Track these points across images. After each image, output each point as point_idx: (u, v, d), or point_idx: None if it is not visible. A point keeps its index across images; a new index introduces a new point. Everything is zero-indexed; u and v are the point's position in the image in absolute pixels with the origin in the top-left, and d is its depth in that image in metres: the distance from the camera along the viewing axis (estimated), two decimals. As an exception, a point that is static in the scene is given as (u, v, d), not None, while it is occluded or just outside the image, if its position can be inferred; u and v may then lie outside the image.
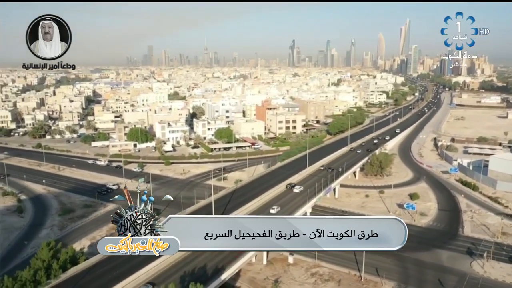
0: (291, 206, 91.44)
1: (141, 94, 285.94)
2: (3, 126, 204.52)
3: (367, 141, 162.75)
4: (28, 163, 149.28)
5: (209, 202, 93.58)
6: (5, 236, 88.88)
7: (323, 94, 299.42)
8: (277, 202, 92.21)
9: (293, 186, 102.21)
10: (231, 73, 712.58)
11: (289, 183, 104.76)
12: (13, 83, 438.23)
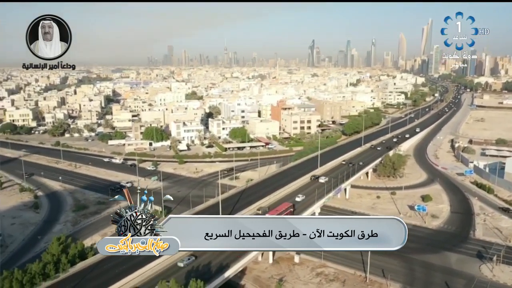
0: (302, 204, 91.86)
1: (159, 93, 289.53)
2: (25, 124, 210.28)
3: (387, 139, 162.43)
4: (47, 160, 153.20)
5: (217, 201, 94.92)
6: (20, 231, 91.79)
7: (340, 95, 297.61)
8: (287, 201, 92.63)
9: (317, 178, 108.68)
10: (250, 73, 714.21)
11: (313, 175, 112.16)
12: (36, 83, 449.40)
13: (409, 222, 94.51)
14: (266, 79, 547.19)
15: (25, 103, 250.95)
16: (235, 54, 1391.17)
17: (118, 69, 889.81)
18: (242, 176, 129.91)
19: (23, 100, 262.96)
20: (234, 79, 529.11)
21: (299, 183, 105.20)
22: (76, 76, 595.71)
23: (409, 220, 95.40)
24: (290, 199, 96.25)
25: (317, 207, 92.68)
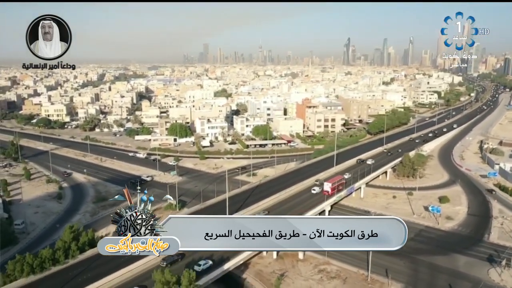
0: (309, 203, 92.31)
1: (189, 90, 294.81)
2: (59, 119, 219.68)
3: (417, 137, 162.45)
4: (75, 153, 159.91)
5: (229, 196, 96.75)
6: (42, 220, 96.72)
7: (370, 93, 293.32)
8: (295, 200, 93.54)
9: (363, 161, 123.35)
10: (283, 71, 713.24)
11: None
12: (74, 79, 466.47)
13: (421, 223, 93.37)
14: (298, 77, 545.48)
15: (60, 99, 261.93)
16: (269, 52, 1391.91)
17: (154, 66, 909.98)
18: (259, 173, 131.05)
19: (59, 96, 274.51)
20: (266, 77, 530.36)
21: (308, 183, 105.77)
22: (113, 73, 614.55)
23: (422, 221, 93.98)
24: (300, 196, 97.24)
25: (327, 205, 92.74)
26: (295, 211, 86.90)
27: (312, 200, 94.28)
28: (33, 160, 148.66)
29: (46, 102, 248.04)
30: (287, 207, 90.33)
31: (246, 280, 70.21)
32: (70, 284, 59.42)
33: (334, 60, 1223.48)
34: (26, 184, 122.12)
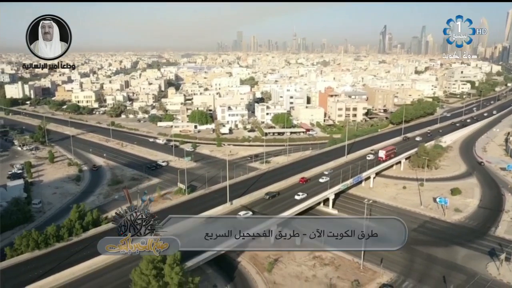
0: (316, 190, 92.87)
1: (215, 78, 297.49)
2: (88, 105, 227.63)
3: (424, 132, 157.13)
4: (99, 138, 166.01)
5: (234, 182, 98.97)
6: (59, 200, 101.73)
7: (399, 83, 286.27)
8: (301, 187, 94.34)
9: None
10: (315, 59, 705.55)
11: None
12: (108, 67, 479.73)
13: (427, 214, 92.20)
14: (329, 66, 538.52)
15: (91, 86, 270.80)
16: (304, 40, 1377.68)
17: (188, 54, 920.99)
18: (273, 161, 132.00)
19: (90, 83, 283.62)
20: (296, 66, 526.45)
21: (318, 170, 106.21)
22: (147, 61, 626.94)
23: (429, 213, 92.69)
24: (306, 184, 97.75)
25: (331, 193, 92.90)
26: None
27: (317, 187, 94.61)
28: (59, 144, 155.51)
29: (77, 88, 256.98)
30: (290, 194, 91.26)
31: (241, 263, 71.97)
32: (71, 259, 62.89)
33: (370, 48, 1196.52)
34: (49, 166, 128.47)
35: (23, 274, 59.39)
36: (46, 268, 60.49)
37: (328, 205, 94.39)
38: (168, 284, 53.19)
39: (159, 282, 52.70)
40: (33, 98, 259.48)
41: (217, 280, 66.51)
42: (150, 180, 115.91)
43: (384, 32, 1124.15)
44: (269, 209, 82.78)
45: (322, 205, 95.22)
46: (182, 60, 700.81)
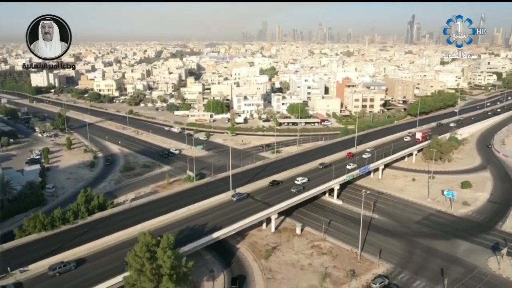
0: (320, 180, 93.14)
1: (235, 68, 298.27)
2: (108, 94, 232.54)
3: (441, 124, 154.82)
4: (116, 126, 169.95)
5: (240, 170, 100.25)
6: (72, 185, 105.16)
7: (421, 73, 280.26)
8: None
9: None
10: (340, 49, 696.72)
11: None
12: (133, 56, 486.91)
13: (433, 207, 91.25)
14: (353, 56, 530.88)
15: (113, 75, 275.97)
16: (329, 30, 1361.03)
17: (212, 44, 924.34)
18: (284, 150, 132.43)
19: (112, 72, 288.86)
20: (319, 56, 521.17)
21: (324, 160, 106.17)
22: (171, 50, 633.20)
23: (435, 205, 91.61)
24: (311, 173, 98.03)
25: (336, 183, 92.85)
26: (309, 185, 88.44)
27: (322, 178, 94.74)
28: (78, 131, 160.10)
29: (99, 77, 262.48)
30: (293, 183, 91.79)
31: (239, 250, 73.23)
32: (74, 241, 65.44)
33: (397, 38, 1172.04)
34: (67, 152, 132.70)
35: (29, 253, 62.13)
36: (50, 248, 63.12)
37: (333, 195, 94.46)
38: (161, 267, 54.78)
39: (152, 265, 54.30)
40: (57, 86, 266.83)
41: (215, 265, 67.93)
42: (161, 168, 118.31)
43: (412, 22, 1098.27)
44: (271, 198, 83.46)
45: (327, 195, 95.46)
46: (206, 49, 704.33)
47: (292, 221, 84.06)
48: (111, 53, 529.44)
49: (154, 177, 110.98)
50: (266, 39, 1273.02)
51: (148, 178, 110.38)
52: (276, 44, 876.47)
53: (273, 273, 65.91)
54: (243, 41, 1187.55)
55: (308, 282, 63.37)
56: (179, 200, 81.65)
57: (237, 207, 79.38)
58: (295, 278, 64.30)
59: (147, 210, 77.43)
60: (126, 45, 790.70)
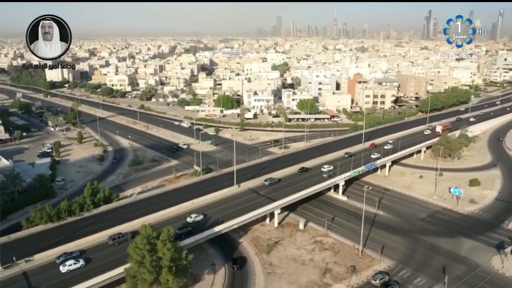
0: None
1: (247, 63, 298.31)
2: (121, 89, 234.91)
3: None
4: (127, 121, 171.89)
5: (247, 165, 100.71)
6: (81, 178, 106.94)
7: (435, 70, 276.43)
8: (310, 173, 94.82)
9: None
10: (354, 45, 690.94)
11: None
12: (147, 51, 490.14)
13: (439, 204, 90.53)
14: (367, 52, 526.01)
15: (126, 70, 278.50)
16: (344, 26, 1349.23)
17: (226, 39, 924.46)
18: (292, 146, 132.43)
19: (125, 67, 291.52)
20: (332, 51, 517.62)
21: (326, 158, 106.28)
22: (185, 46, 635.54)
23: (441, 203, 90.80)
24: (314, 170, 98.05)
25: (341, 179, 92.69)
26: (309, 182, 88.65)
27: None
28: (89, 125, 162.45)
29: (112, 72, 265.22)
30: (298, 178, 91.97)
31: (242, 244, 73.78)
32: (79, 233, 66.78)
33: (413, 34, 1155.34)
34: (77, 146, 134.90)
35: (35, 244, 63.63)
36: (55, 239, 64.62)
37: (338, 191, 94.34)
38: (161, 259, 55.60)
39: (152, 257, 55.20)
40: (71, 81, 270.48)
41: (216, 259, 68.62)
42: (169, 162, 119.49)
43: (428, 17, 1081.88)
44: (276, 193, 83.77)
45: (332, 191, 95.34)
46: (220, 45, 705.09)
47: (296, 216, 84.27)
48: (126, 48, 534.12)
49: (162, 171, 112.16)
50: (281, 34, 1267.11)
51: (156, 172, 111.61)
52: (290, 40, 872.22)
53: (273, 267, 66.31)
54: (257, 36, 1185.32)
55: (308, 277, 63.61)
56: (184, 194, 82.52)
57: (241, 201, 79.90)
58: (295, 273, 64.60)
59: (152, 204, 78.52)
60: (141, 40, 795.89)
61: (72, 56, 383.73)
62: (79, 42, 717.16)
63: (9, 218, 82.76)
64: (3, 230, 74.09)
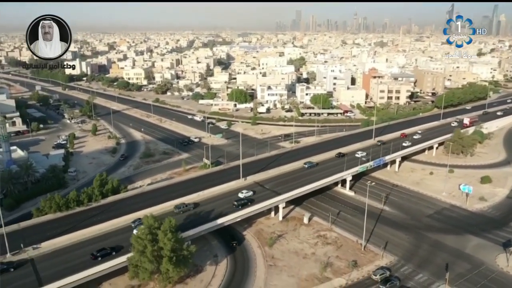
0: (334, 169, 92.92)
1: (262, 58, 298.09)
2: (137, 82, 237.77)
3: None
4: (141, 114, 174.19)
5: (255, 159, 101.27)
6: (93, 169, 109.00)
7: (454, 65, 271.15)
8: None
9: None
10: (374, 40, 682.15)
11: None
12: (165, 45, 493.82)
13: (448, 201, 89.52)
14: (386, 47, 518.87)
15: (143, 64, 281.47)
16: (364, 20, 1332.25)
17: (245, 33, 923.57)
18: (303, 141, 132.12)
19: (142, 61, 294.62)
20: (351, 46, 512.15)
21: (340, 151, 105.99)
22: (203, 40, 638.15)
23: (450, 200, 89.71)
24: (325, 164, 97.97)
25: (348, 174, 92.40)
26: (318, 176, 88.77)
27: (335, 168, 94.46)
28: (105, 118, 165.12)
29: (129, 66, 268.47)
30: (304, 173, 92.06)
31: (245, 236, 74.46)
32: (86, 222, 68.49)
33: (435, 28, 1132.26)
34: (91, 138, 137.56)
35: (43, 232, 65.61)
36: (63, 228, 66.52)
37: (345, 186, 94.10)
38: (162, 249, 56.71)
39: (153, 247, 56.35)
40: (89, 74, 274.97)
41: (219, 250, 69.52)
42: (179, 155, 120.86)
43: (451, 11, 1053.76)
44: (282, 186, 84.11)
45: (339, 186, 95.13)
46: (238, 39, 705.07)
47: (302, 210, 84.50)
48: (144, 42, 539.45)
49: (172, 164, 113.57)
50: (300, 29, 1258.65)
51: (166, 164, 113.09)
52: (309, 34, 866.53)
53: (275, 260, 66.84)
54: (276, 31, 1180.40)
55: (309, 270, 63.92)
56: (190, 187, 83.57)
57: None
58: (296, 266, 65.00)
59: (159, 195, 79.91)
60: (160, 34, 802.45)
61: (91, 50, 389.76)
62: (99, 36, 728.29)
63: (22, 207, 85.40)
64: (16, 219, 76.87)
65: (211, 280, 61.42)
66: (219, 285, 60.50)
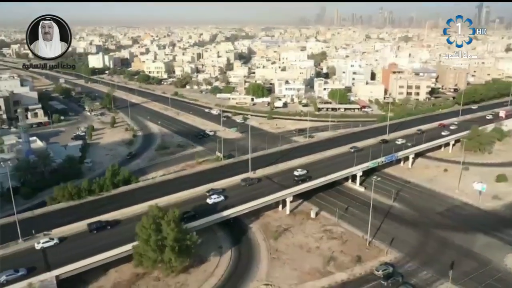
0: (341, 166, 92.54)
1: (283, 52, 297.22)
2: (157, 76, 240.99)
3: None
4: (159, 107, 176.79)
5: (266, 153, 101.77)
6: (109, 161, 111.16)
7: (479, 60, 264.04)
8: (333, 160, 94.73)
9: None
10: (398, 34, 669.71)
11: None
12: (188, 39, 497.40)
13: (460, 198, 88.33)
14: (411, 41, 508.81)
15: (164, 57, 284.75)
16: (390, 14, 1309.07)
17: (268, 28, 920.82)
18: (317, 136, 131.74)
19: (163, 54, 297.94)
20: (375, 41, 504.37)
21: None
22: (226, 34, 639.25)
23: (462, 197, 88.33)
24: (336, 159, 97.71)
25: (359, 170, 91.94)
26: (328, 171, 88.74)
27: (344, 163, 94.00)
28: (124, 111, 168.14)
29: (150, 60, 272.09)
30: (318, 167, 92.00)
31: (251, 229, 75.22)
32: (96, 211, 70.45)
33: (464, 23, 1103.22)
34: (110, 130, 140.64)
35: (55, 219, 67.88)
36: (74, 216, 68.55)
37: (356, 182, 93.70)
38: (165, 239, 58.00)
39: (157, 236, 57.68)
40: (112, 68, 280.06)
41: (224, 242, 70.56)
42: (194, 148, 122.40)
43: (480, 6, 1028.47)
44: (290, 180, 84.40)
45: (350, 181, 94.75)
46: (261, 33, 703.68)
47: (310, 204, 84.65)
48: (168, 36, 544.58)
49: (186, 156, 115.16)
50: (324, 23, 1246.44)
51: (180, 157, 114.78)
52: (333, 29, 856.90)
53: (279, 253, 67.42)
54: (300, 25, 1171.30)
55: (312, 264, 64.23)
56: (201, 179, 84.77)
57: (253, 188, 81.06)
58: (299, 260, 65.41)
59: (169, 186, 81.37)
60: (184, 28, 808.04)
61: (115, 44, 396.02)
62: (123, 30, 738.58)
63: (39, 195, 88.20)
64: (32, 206, 79.67)
65: (214, 270, 62.54)
66: (221, 275, 61.54)
